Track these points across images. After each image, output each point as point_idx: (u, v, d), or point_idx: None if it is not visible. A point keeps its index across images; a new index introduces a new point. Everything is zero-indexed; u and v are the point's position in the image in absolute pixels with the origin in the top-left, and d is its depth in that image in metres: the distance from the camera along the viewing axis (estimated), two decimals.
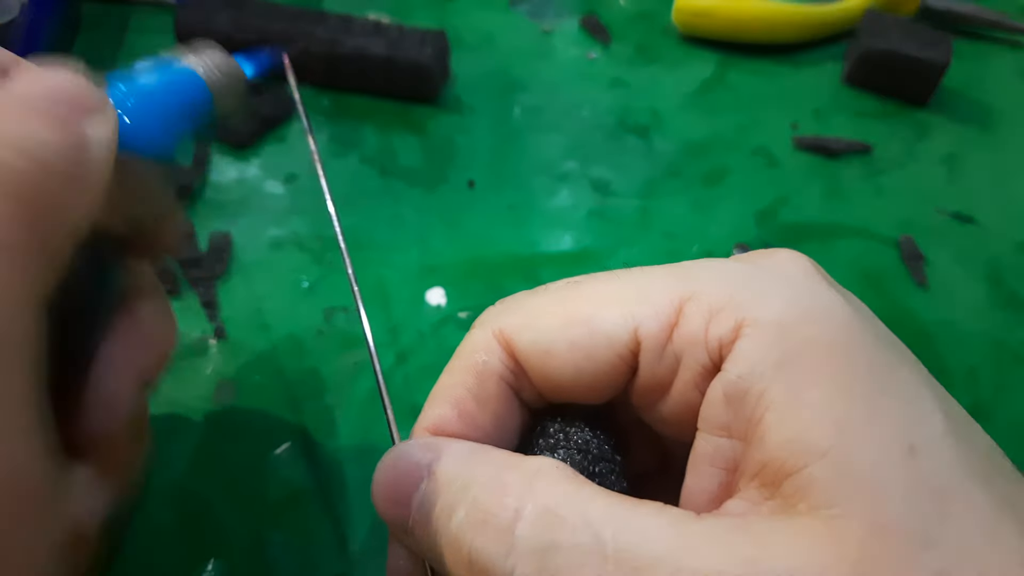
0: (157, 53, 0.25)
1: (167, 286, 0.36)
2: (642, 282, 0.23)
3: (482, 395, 0.24)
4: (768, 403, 0.19)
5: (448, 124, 0.45)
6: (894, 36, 0.47)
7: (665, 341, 0.22)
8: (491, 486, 0.20)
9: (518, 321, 0.24)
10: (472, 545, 0.20)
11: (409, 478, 0.21)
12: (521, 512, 0.19)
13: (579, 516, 0.19)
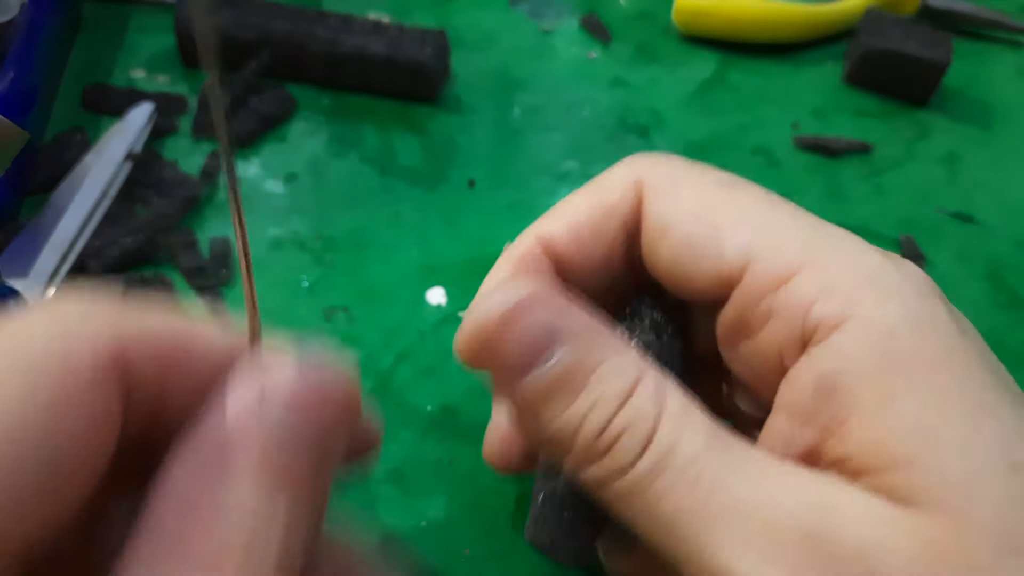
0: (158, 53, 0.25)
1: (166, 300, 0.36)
2: (784, 223, 0.23)
3: (600, 231, 0.24)
4: (858, 403, 0.20)
5: (448, 124, 0.45)
6: (894, 36, 0.47)
7: (768, 291, 0.22)
8: (621, 383, 0.21)
9: (657, 182, 0.24)
10: (602, 432, 0.20)
11: (545, 335, 0.21)
12: (664, 408, 0.20)
13: (700, 421, 0.20)
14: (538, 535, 0.24)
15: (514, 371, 0.21)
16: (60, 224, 0.37)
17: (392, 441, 0.34)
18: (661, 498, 0.20)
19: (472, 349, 0.21)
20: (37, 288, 0.35)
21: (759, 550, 0.19)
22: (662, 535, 0.20)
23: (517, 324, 0.21)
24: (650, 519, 0.20)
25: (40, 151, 0.40)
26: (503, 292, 0.21)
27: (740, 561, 0.19)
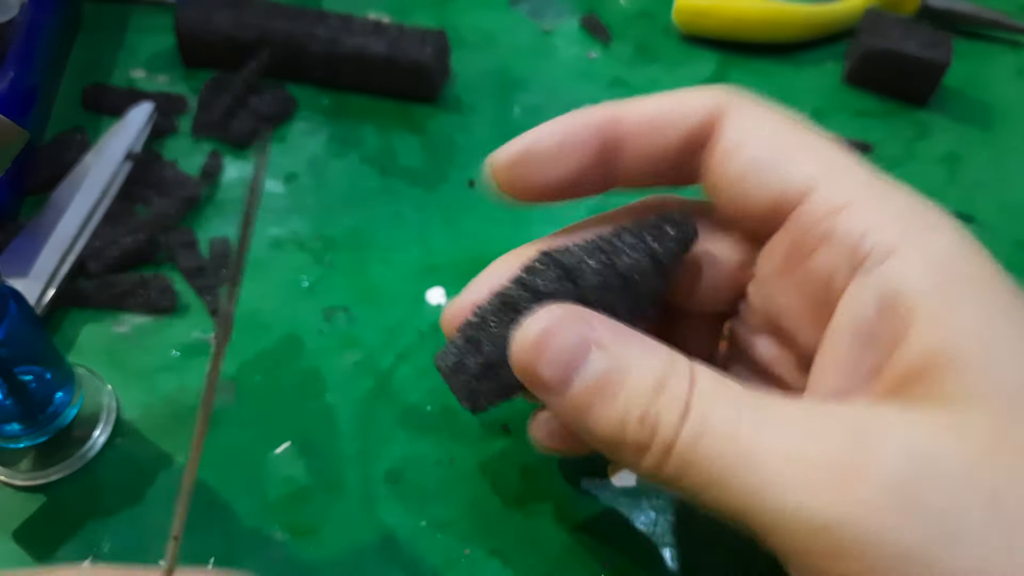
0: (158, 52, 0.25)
1: (166, 302, 0.36)
2: (846, 162, 0.24)
3: (668, 127, 0.26)
4: (918, 315, 0.21)
5: (448, 123, 0.45)
6: (894, 35, 0.47)
7: (826, 216, 0.23)
8: (653, 376, 0.22)
9: (739, 105, 0.26)
10: (643, 416, 0.22)
11: (576, 350, 0.23)
12: (695, 382, 0.22)
13: (729, 388, 0.22)
14: (445, 362, 0.26)
15: (555, 390, 0.23)
16: (60, 224, 0.37)
17: (392, 441, 0.34)
18: (706, 461, 0.21)
19: (520, 376, 0.24)
20: (37, 288, 0.35)
21: (804, 485, 0.20)
22: (716, 498, 0.21)
23: (548, 348, 0.23)
24: (703, 486, 0.21)
25: (40, 151, 0.40)
26: (532, 322, 0.23)
27: (788, 497, 0.20)
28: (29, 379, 0.30)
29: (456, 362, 0.26)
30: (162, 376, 0.35)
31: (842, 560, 0.19)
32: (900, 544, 0.19)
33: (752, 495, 0.20)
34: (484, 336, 0.25)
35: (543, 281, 0.25)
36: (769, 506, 0.20)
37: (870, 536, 0.19)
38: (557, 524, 0.32)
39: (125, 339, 0.36)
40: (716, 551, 0.32)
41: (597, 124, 0.27)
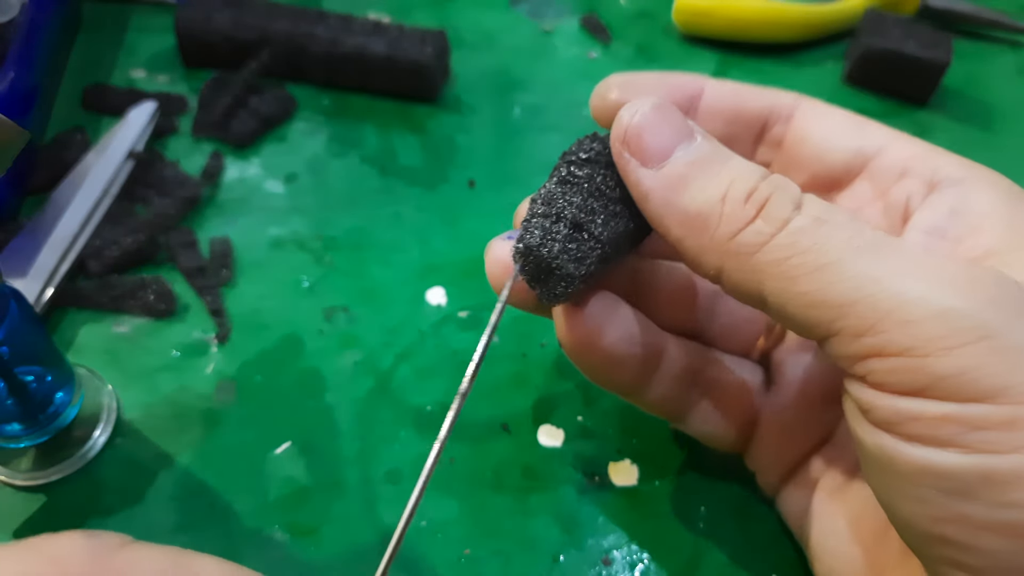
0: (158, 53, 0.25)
1: (164, 305, 0.36)
2: (911, 137, 0.28)
3: (749, 102, 0.30)
4: (991, 215, 0.24)
5: (448, 123, 0.45)
6: (894, 35, 0.47)
7: (903, 161, 0.27)
8: (757, 169, 0.24)
9: (814, 100, 0.30)
10: (750, 196, 0.23)
11: (683, 128, 0.24)
12: (804, 201, 0.23)
13: (843, 210, 0.23)
14: (531, 238, 0.25)
15: (655, 158, 0.24)
16: (60, 224, 0.37)
17: (392, 441, 0.34)
18: (824, 244, 0.21)
19: (617, 147, 0.25)
20: (36, 287, 0.35)
21: (930, 277, 0.21)
22: (823, 284, 0.21)
23: (657, 119, 0.24)
24: (810, 271, 0.21)
25: (40, 151, 0.40)
26: (640, 101, 0.24)
27: (913, 284, 0.21)
28: (29, 379, 0.30)
29: (543, 232, 0.25)
30: (162, 376, 0.35)
31: (959, 348, 0.20)
32: (1014, 336, 0.20)
33: (870, 282, 0.21)
34: (557, 206, 0.25)
35: (585, 151, 0.26)
36: (888, 293, 0.20)
37: (990, 325, 0.20)
38: (557, 524, 0.32)
39: (125, 339, 0.36)
40: (717, 551, 0.32)
41: (685, 75, 0.30)
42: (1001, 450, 0.19)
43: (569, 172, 0.26)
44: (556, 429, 0.34)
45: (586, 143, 0.26)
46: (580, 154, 0.26)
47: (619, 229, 0.25)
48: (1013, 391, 0.19)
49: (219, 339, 0.36)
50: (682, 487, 0.33)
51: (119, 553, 0.19)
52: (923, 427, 0.20)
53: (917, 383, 0.20)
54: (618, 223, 0.25)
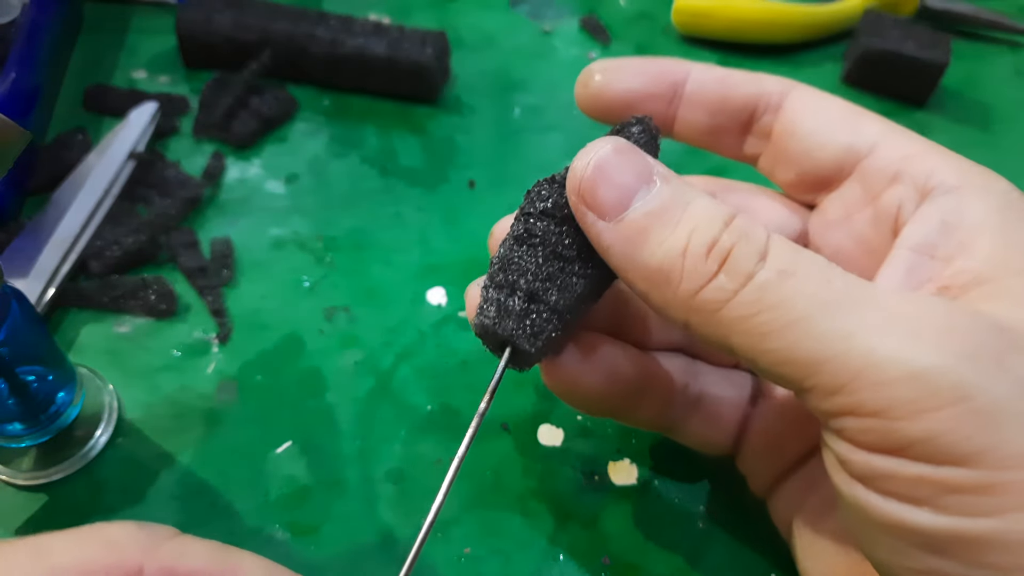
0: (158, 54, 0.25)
1: (165, 305, 0.36)
2: (908, 131, 0.27)
3: (736, 87, 0.29)
4: (983, 231, 0.23)
5: (448, 124, 0.45)
6: (893, 36, 0.47)
7: (897, 161, 0.26)
8: (718, 212, 0.22)
9: (806, 87, 0.29)
10: (711, 249, 0.21)
11: (640, 175, 0.23)
12: (771, 235, 0.22)
13: (809, 251, 0.22)
14: (486, 316, 0.24)
15: (612, 213, 0.22)
16: (61, 224, 0.37)
17: (392, 441, 0.34)
18: (791, 300, 0.20)
19: (573, 199, 0.23)
20: (37, 287, 0.35)
21: (901, 334, 0.20)
22: (791, 342, 0.20)
23: (611, 169, 0.23)
24: (777, 328, 0.20)
25: (42, 151, 0.41)
26: (594, 145, 0.23)
27: (883, 342, 0.19)
28: (31, 379, 0.31)
29: (498, 307, 0.24)
30: (163, 376, 0.35)
31: (933, 411, 0.19)
32: (991, 395, 0.19)
33: (840, 340, 0.20)
34: (513, 273, 0.24)
35: (542, 200, 0.25)
36: (859, 352, 0.19)
37: (966, 384, 0.19)
38: (557, 524, 0.32)
39: (126, 339, 0.36)
40: (716, 550, 0.32)
41: (669, 61, 0.29)
42: (977, 514, 0.19)
43: (525, 229, 0.24)
44: (556, 429, 0.34)
45: (544, 189, 0.25)
46: (538, 203, 0.25)
47: (579, 291, 0.24)
48: (989, 455, 0.18)
49: (220, 339, 0.36)
50: (681, 487, 0.33)
51: (169, 543, 0.19)
52: (897, 485, 0.19)
53: (891, 444, 0.19)
54: (579, 283, 0.24)
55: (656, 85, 0.29)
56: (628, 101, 0.29)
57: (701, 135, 0.30)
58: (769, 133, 0.29)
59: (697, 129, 0.30)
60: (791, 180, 0.29)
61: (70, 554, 0.18)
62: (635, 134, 0.26)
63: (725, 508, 0.33)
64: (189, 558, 0.19)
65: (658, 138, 0.27)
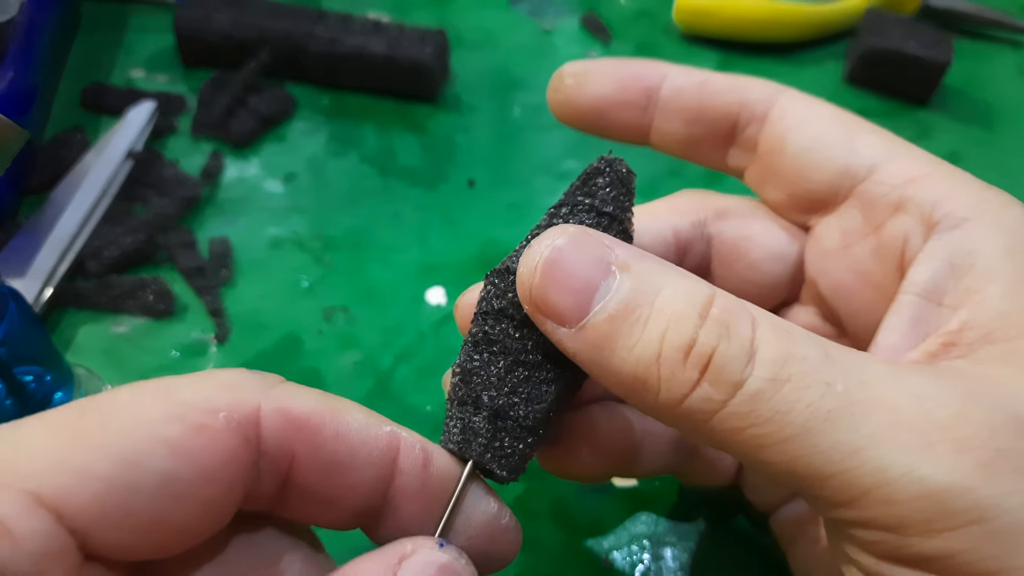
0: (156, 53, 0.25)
1: (163, 305, 0.36)
2: (908, 144, 0.25)
3: (716, 94, 0.27)
4: (993, 277, 0.21)
5: (448, 123, 0.45)
6: (895, 35, 0.47)
7: (899, 185, 0.24)
8: (691, 300, 0.19)
9: (796, 95, 0.27)
10: (688, 352, 0.19)
11: (594, 272, 0.20)
12: (757, 322, 0.19)
13: (805, 333, 0.20)
14: (451, 440, 0.22)
15: (570, 320, 0.20)
16: (59, 223, 0.37)
17: None
18: (788, 412, 0.18)
19: (528, 308, 0.21)
20: (35, 287, 0.35)
21: (916, 446, 0.18)
22: (791, 456, 0.18)
23: (560, 270, 0.20)
24: (774, 442, 0.18)
25: (39, 150, 0.40)
26: (539, 242, 0.20)
27: (896, 458, 0.18)
28: (28, 379, 0.30)
29: (462, 428, 0.22)
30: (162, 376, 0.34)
31: (949, 531, 0.18)
32: (1012, 514, 0.17)
33: (847, 455, 0.18)
34: (475, 387, 0.22)
35: (497, 298, 0.22)
36: (869, 467, 0.18)
37: (984, 505, 0.17)
38: (557, 524, 0.32)
39: (124, 339, 0.36)
40: (717, 551, 0.32)
41: (643, 63, 0.27)
42: None
43: (484, 333, 0.22)
44: None
45: (499, 283, 0.22)
46: (494, 303, 0.22)
47: (551, 397, 0.22)
48: (1006, 575, 0.17)
49: (218, 339, 0.36)
50: (682, 487, 0.33)
51: (279, 386, 0.20)
52: None
53: (904, 557, 0.18)
54: (549, 390, 0.22)
55: (628, 91, 0.27)
56: (599, 108, 0.27)
57: (679, 145, 0.28)
58: (754, 145, 0.27)
59: (674, 139, 0.28)
60: (781, 200, 0.27)
61: (195, 392, 0.19)
62: (601, 188, 0.23)
63: (726, 509, 0.33)
64: (299, 400, 0.20)
65: (631, 183, 0.23)
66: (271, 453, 0.20)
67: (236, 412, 0.19)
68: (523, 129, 0.45)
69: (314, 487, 0.20)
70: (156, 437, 0.18)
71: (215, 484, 0.19)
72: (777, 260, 0.27)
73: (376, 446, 0.20)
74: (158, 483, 0.18)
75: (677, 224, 0.27)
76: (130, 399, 0.19)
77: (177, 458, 0.18)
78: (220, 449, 0.19)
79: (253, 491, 0.20)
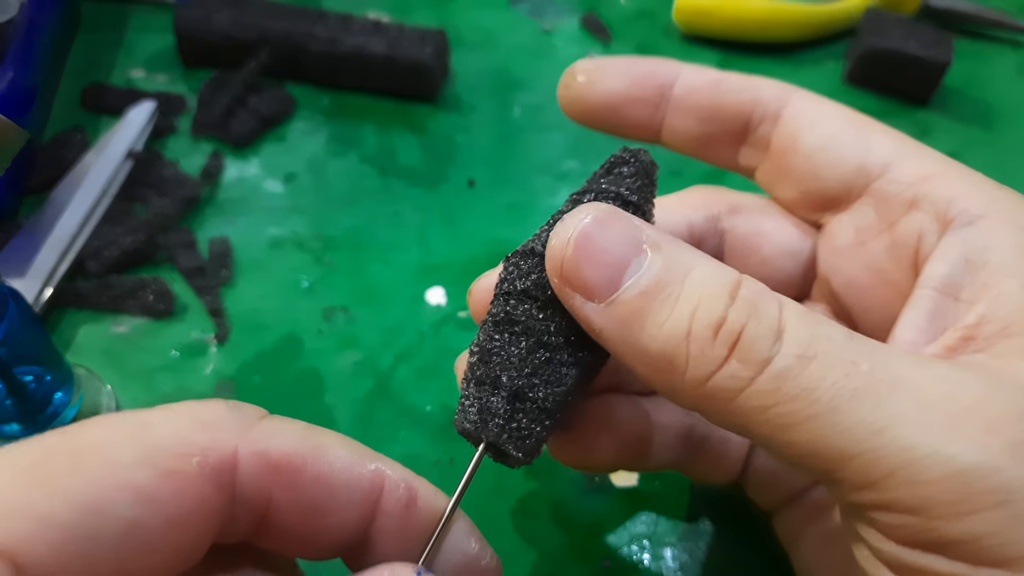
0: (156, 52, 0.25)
1: (163, 305, 0.36)
2: (920, 145, 0.25)
3: (731, 92, 0.27)
4: (1009, 272, 0.21)
5: (448, 123, 0.45)
6: (895, 35, 0.47)
7: (914, 183, 0.24)
8: (721, 280, 0.20)
9: (808, 94, 0.27)
10: (718, 330, 0.19)
11: (627, 248, 0.20)
12: (784, 305, 0.19)
13: (828, 319, 0.20)
14: (467, 419, 0.22)
15: (601, 294, 0.20)
16: (59, 223, 0.37)
17: (392, 441, 0.34)
18: (814, 390, 0.18)
19: (556, 282, 0.21)
20: (34, 287, 0.35)
21: (942, 426, 0.18)
22: (816, 435, 0.18)
23: (593, 244, 0.20)
24: (799, 420, 0.18)
25: (39, 150, 0.40)
26: (573, 217, 0.20)
27: (921, 438, 0.18)
28: (28, 379, 0.30)
29: (480, 408, 0.22)
30: (161, 376, 0.35)
31: (975, 513, 0.17)
32: None
33: (872, 434, 0.18)
34: (494, 367, 0.22)
35: (520, 279, 0.22)
36: (894, 447, 0.18)
37: (1009, 487, 0.17)
38: (557, 524, 0.32)
39: (124, 339, 0.36)
40: (717, 551, 0.32)
41: (656, 61, 0.27)
42: None
43: (505, 313, 0.22)
44: None
45: (523, 264, 0.22)
46: (517, 283, 0.22)
47: (571, 381, 0.22)
48: None
49: (218, 339, 0.36)
50: (682, 487, 0.33)
51: (260, 424, 0.20)
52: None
53: (927, 541, 0.18)
54: (569, 373, 0.22)
55: (641, 88, 0.27)
56: (611, 105, 0.27)
57: (691, 144, 0.28)
58: (767, 144, 0.27)
59: (686, 137, 0.28)
60: (794, 198, 0.27)
61: (169, 431, 0.18)
62: (625, 177, 0.23)
63: (726, 509, 0.32)
64: (280, 439, 0.19)
65: (654, 174, 0.24)
66: (247, 496, 0.19)
67: (211, 456, 0.18)
68: (523, 129, 0.45)
69: (292, 527, 0.20)
70: (124, 483, 0.17)
71: (184, 531, 0.18)
72: (789, 256, 0.28)
73: (359, 487, 0.20)
74: (122, 531, 0.17)
75: (691, 218, 0.27)
76: (101, 438, 0.18)
77: (144, 506, 0.17)
78: (191, 496, 0.18)
79: (226, 529, 0.19)
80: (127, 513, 0.17)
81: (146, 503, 0.17)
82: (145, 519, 0.17)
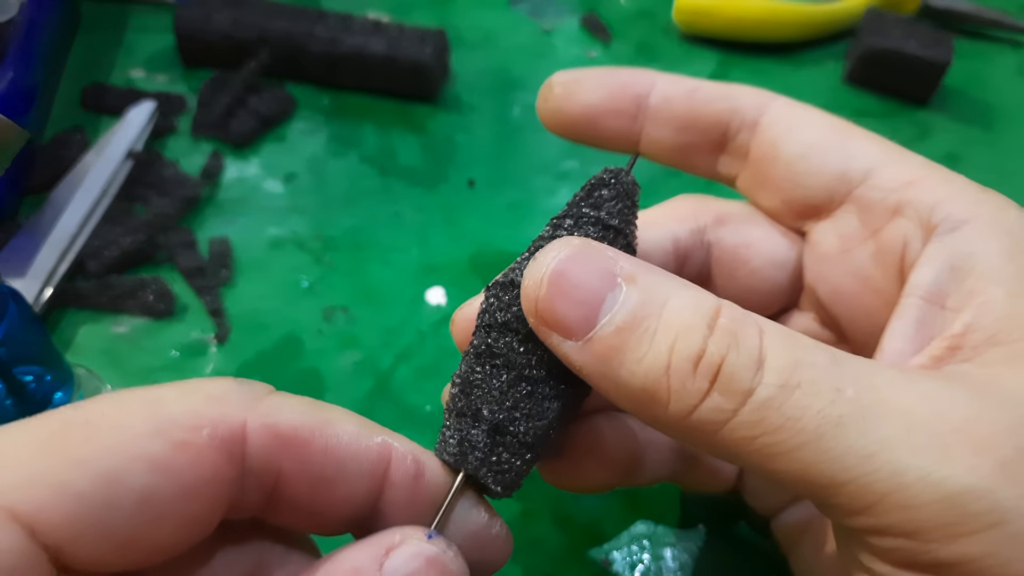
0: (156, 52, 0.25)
1: (163, 305, 0.36)
2: (902, 149, 0.25)
3: (707, 101, 0.27)
4: (995, 279, 0.21)
5: (448, 123, 0.45)
6: (895, 35, 0.47)
7: (897, 189, 0.24)
8: (699, 311, 0.19)
9: (787, 101, 0.27)
10: (698, 363, 0.19)
11: (600, 283, 0.19)
12: (764, 331, 0.19)
13: (811, 341, 0.19)
14: (447, 451, 0.22)
15: (578, 333, 0.20)
16: (59, 223, 0.37)
17: None
18: (799, 419, 0.18)
19: (532, 321, 0.20)
20: (34, 287, 0.35)
21: (932, 449, 0.18)
22: (804, 464, 0.18)
23: (566, 283, 0.20)
24: (786, 450, 0.18)
25: (39, 150, 0.40)
26: (545, 254, 0.20)
27: (912, 461, 0.18)
28: (28, 379, 0.30)
29: (459, 440, 0.22)
30: (161, 376, 0.35)
31: (969, 535, 0.17)
32: None
33: (861, 460, 0.18)
34: (475, 399, 0.22)
35: (500, 311, 0.22)
36: (885, 472, 0.18)
37: (1002, 508, 0.17)
38: (557, 524, 0.32)
39: (124, 339, 0.36)
40: (717, 551, 0.32)
41: (631, 72, 0.27)
42: None
43: (487, 345, 0.22)
44: None
45: (503, 295, 0.22)
46: (497, 315, 0.22)
47: (553, 414, 0.22)
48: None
49: (218, 339, 0.36)
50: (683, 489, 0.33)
51: (267, 399, 0.20)
52: None
53: (922, 564, 0.18)
54: (551, 406, 0.22)
55: (617, 100, 0.27)
56: (589, 117, 0.27)
57: (669, 153, 0.28)
58: (746, 153, 0.27)
59: (664, 147, 0.28)
60: (776, 207, 0.27)
61: (180, 405, 0.19)
62: (606, 200, 0.23)
63: (726, 509, 0.33)
64: (287, 413, 0.20)
65: (636, 195, 0.23)
66: (256, 469, 0.19)
67: (221, 428, 0.19)
68: (523, 129, 0.45)
69: (301, 500, 0.20)
70: (137, 453, 0.18)
71: (196, 501, 0.18)
72: (777, 266, 0.27)
73: (366, 458, 0.20)
74: (137, 500, 0.18)
75: (676, 232, 0.27)
76: (114, 411, 0.18)
77: (158, 475, 0.18)
78: (203, 467, 0.18)
79: (237, 503, 0.20)
80: (142, 482, 0.18)
81: (160, 472, 0.18)
82: (159, 488, 0.18)
